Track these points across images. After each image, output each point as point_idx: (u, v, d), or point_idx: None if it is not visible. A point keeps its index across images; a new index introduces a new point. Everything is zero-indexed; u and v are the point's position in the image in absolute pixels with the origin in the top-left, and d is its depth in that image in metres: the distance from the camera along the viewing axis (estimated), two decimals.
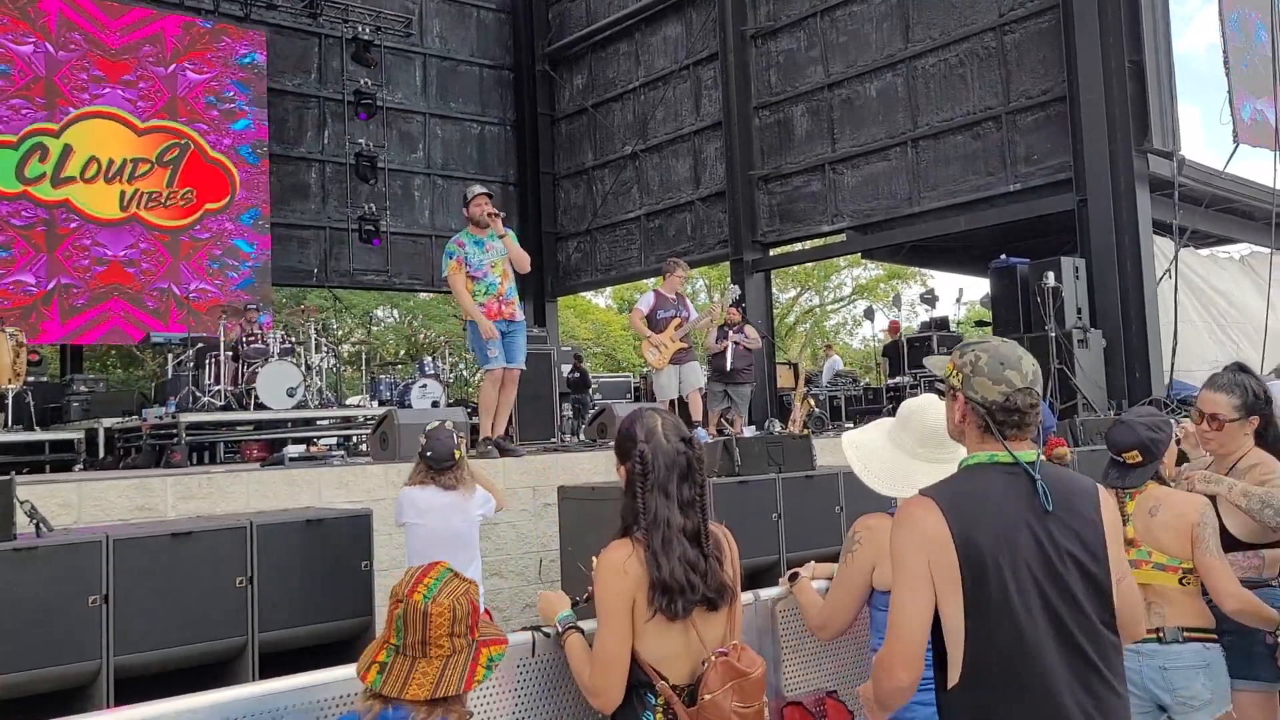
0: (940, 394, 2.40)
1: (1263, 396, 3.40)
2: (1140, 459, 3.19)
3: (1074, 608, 2.06)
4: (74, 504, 5.31)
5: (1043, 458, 2.16)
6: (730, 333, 10.75)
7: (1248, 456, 3.38)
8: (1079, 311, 11.48)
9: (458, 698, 1.78)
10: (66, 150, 14.45)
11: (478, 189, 7.81)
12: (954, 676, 2.07)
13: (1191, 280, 13.49)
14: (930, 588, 2.05)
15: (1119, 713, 2.09)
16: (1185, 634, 3.07)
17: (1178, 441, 3.80)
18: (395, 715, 1.74)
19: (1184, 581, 3.11)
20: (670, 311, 9.33)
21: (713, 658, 2.27)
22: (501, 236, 7.54)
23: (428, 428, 4.91)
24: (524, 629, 2.40)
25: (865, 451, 2.64)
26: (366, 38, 17.35)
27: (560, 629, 2.39)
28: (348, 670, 2.00)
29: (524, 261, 7.61)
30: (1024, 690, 2.02)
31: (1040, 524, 2.07)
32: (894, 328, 17.17)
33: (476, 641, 1.79)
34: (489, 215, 7.49)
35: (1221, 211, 14.40)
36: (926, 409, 2.62)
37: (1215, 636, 3.11)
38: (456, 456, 4.78)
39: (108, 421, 10.82)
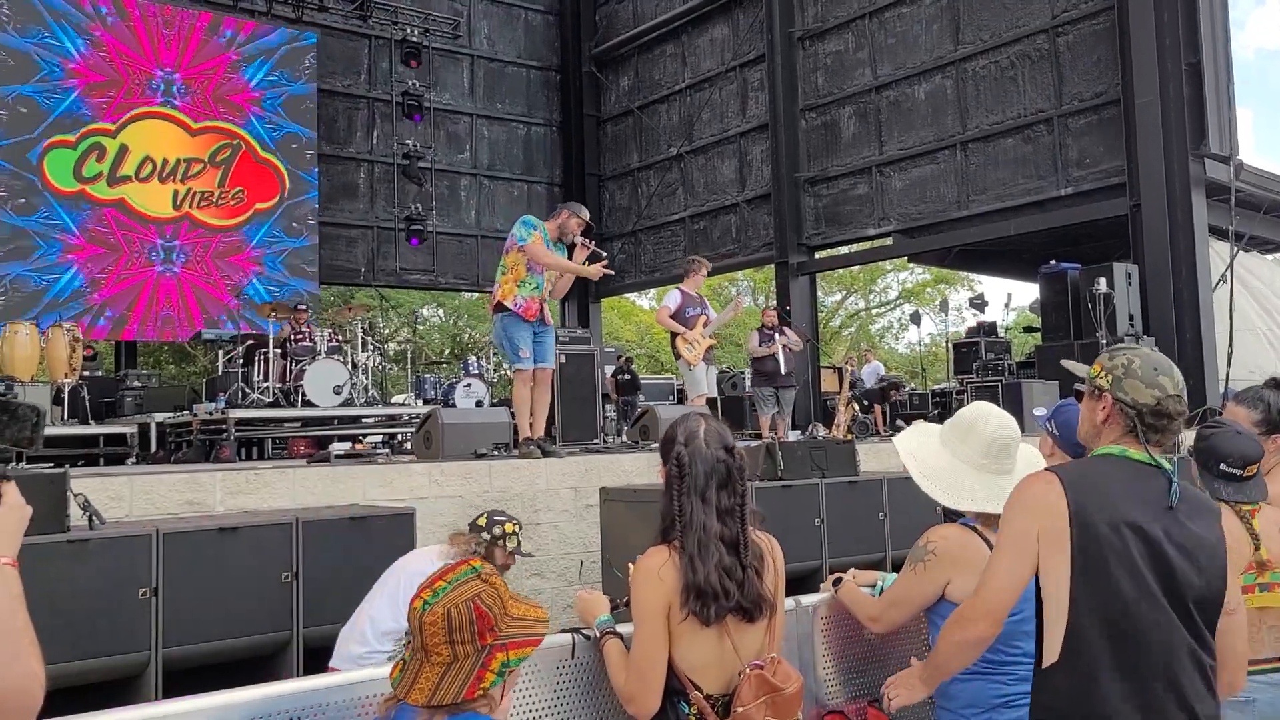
0: (1079, 395, 2.37)
1: None
2: (1255, 472, 2.95)
3: (1181, 607, 2.06)
4: (125, 497, 5.40)
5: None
6: (777, 336, 10.72)
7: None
8: (1131, 318, 11.25)
9: (484, 696, 1.77)
10: (123, 150, 14.76)
11: (585, 213, 7.62)
12: (1052, 653, 2.07)
13: (1252, 285, 13.15)
14: (1032, 554, 2.10)
15: (1213, 714, 2.08)
16: None
17: None
18: (405, 714, 1.74)
19: None
20: (696, 310, 9.47)
21: (747, 670, 2.24)
22: (578, 264, 7.48)
23: None
24: (564, 630, 2.39)
25: (925, 464, 2.60)
26: (415, 39, 17.52)
27: (599, 633, 2.38)
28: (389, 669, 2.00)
29: (561, 294, 7.71)
30: (1124, 672, 2.02)
31: (1159, 520, 2.08)
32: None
33: (491, 646, 1.74)
34: (581, 244, 7.45)
35: None
36: (985, 419, 2.57)
37: None
38: None
39: (159, 416, 11.01)
